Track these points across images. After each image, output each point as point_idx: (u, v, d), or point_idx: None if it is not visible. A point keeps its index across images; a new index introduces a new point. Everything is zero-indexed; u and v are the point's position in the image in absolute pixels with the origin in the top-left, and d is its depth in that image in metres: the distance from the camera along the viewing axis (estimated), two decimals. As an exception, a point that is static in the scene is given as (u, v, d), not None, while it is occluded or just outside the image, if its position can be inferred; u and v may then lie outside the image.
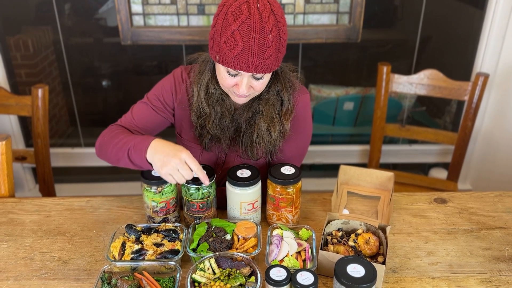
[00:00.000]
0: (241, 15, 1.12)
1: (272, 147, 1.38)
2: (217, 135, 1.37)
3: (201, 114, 1.36)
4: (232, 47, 1.14)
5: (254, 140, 1.36)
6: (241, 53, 1.14)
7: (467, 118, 2.14)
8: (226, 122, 1.36)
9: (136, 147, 1.23)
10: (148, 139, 1.23)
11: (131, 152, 1.24)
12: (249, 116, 1.36)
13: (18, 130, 2.50)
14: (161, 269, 1.16)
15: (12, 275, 1.20)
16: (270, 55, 1.16)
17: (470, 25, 2.40)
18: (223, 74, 1.22)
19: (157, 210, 1.32)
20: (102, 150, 1.35)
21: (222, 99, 1.34)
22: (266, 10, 1.13)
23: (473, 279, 1.19)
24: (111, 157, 1.32)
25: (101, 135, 1.37)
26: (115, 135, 1.32)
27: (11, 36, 2.38)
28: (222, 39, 1.15)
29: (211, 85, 1.31)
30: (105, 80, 2.60)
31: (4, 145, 1.51)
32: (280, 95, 1.33)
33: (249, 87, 1.22)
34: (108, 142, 1.32)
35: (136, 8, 2.22)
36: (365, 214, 1.43)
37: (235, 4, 1.14)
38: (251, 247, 1.21)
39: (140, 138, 1.26)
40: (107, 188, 2.74)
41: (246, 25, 1.12)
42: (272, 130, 1.34)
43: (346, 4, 2.23)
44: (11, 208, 1.47)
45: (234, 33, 1.13)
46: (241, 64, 1.15)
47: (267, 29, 1.13)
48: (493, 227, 1.38)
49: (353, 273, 1.04)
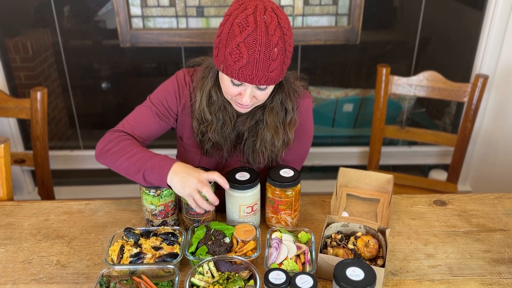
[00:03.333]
0: (247, 27, 1.11)
1: (274, 155, 1.38)
2: (218, 142, 1.36)
3: (202, 120, 1.34)
4: (237, 59, 1.13)
5: (257, 148, 1.35)
6: (246, 66, 1.13)
7: (466, 120, 2.13)
8: (228, 130, 1.35)
9: (154, 169, 1.21)
10: (167, 163, 1.21)
11: (147, 173, 1.22)
12: (252, 124, 1.35)
13: (17, 133, 2.50)
14: (160, 272, 1.15)
15: (11, 279, 1.20)
16: (275, 68, 1.16)
17: (469, 26, 2.40)
18: (226, 83, 1.21)
19: (156, 213, 1.32)
20: (106, 157, 1.30)
21: (224, 107, 1.32)
22: (273, 23, 1.12)
23: (473, 282, 1.18)
24: (119, 168, 1.28)
25: (104, 141, 1.32)
26: (125, 146, 1.28)
27: (10, 39, 2.38)
28: (227, 50, 1.14)
29: (213, 92, 1.30)
30: (104, 83, 2.60)
31: (3, 148, 1.50)
32: (284, 105, 1.33)
33: (252, 97, 1.22)
34: (116, 152, 1.27)
35: (135, 10, 2.22)
36: (365, 217, 1.43)
37: (242, 15, 1.12)
38: (250, 250, 1.21)
39: (158, 160, 1.22)
40: (106, 190, 2.74)
41: (252, 37, 1.11)
42: (276, 140, 1.33)
43: (345, 6, 2.23)
44: (10, 212, 1.47)
45: (239, 45, 1.12)
46: (245, 76, 1.15)
47: (273, 42, 1.12)
48: (493, 229, 1.38)
49: (353, 276, 1.04)
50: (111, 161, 1.29)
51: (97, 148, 1.34)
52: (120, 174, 1.29)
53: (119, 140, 1.30)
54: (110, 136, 1.32)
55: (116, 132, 1.34)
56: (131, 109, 1.41)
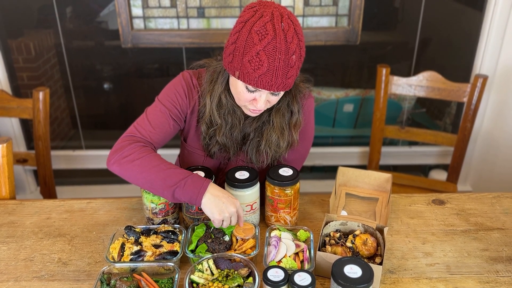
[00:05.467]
0: (267, 35, 1.11)
1: (278, 156, 1.40)
2: (226, 144, 1.36)
3: (211, 124, 1.34)
4: (257, 67, 1.13)
5: (261, 149, 1.36)
6: (266, 74, 1.14)
7: (466, 120, 2.14)
8: (236, 132, 1.36)
9: (188, 188, 1.18)
10: (202, 183, 1.19)
11: (179, 190, 1.19)
12: (259, 124, 1.36)
13: (19, 133, 2.52)
14: (160, 270, 1.17)
15: (13, 277, 1.21)
16: (292, 74, 1.17)
17: (469, 26, 2.41)
18: (240, 89, 1.21)
19: (156, 211, 1.33)
20: (125, 167, 1.23)
21: (233, 110, 1.33)
22: (290, 30, 1.13)
23: (470, 280, 1.19)
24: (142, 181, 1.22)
25: (122, 149, 1.25)
26: (151, 159, 1.23)
27: (13, 40, 2.40)
28: (246, 58, 1.14)
29: (223, 96, 1.30)
30: (106, 83, 2.61)
31: (5, 147, 1.52)
32: (290, 107, 1.34)
33: (266, 102, 1.23)
34: (141, 165, 1.22)
35: (136, 11, 2.23)
36: (363, 216, 1.44)
37: (259, 23, 1.12)
38: (249, 248, 1.22)
39: (192, 179, 1.20)
40: (107, 190, 2.75)
41: (272, 45, 1.12)
42: (281, 141, 1.35)
43: (345, 6, 2.24)
44: (12, 210, 1.49)
45: (259, 53, 1.12)
46: (264, 84, 1.16)
47: (291, 49, 1.14)
48: (491, 228, 1.39)
49: (350, 273, 1.05)
50: (133, 173, 1.22)
51: (113, 156, 1.25)
52: (138, 185, 1.25)
53: (142, 151, 1.24)
54: (130, 145, 1.25)
55: (134, 140, 1.28)
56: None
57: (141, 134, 1.30)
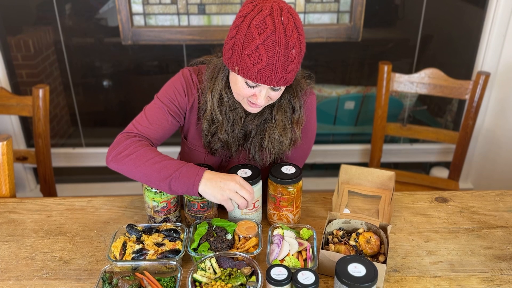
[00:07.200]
0: (266, 29, 1.10)
1: (281, 154, 1.38)
2: (228, 141, 1.35)
3: (213, 122, 1.33)
4: (256, 61, 1.12)
5: (264, 146, 1.35)
6: (265, 68, 1.13)
7: (468, 117, 2.13)
8: (237, 129, 1.35)
9: (183, 178, 1.17)
10: (197, 171, 1.18)
11: (174, 181, 1.18)
12: (260, 122, 1.35)
13: (19, 130, 2.51)
14: (162, 268, 1.16)
15: (14, 275, 1.20)
16: (292, 69, 1.16)
17: (471, 23, 2.40)
18: (240, 84, 1.20)
19: (158, 210, 1.32)
20: (122, 163, 1.24)
21: (234, 107, 1.32)
22: (290, 24, 1.12)
23: (474, 278, 1.18)
24: (139, 175, 1.22)
25: (119, 146, 1.25)
26: (145, 153, 1.22)
27: (12, 37, 2.39)
28: (245, 53, 1.13)
29: (224, 93, 1.29)
30: (106, 80, 2.60)
31: (5, 145, 1.51)
32: (292, 104, 1.33)
33: (266, 98, 1.22)
34: (136, 159, 1.22)
35: (136, 8, 2.22)
36: (366, 214, 1.43)
37: (259, 17, 1.11)
38: (252, 246, 1.21)
39: (187, 168, 1.19)
40: (108, 188, 2.74)
41: (271, 39, 1.10)
42: (284, 138, 1.33)
43: (347, 3, 2.23)
44: (12, 208, 1.48)
45: (258, 47, 1.11)
46: (264, 78, 1.14)
47: (291, 44, 1.12)
48: (495, 226, 1.38)
49: (354, 272, 1.04)
50: (129, 167, 1.23)
51: (110, 153, 1.26)
52: (137, 180, 1.24)
53: (137, 145, 1.24)
54: (126, 141, 1.26)
55: (130, 135, 1.29)
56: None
57: (138, 130, 1.31)
